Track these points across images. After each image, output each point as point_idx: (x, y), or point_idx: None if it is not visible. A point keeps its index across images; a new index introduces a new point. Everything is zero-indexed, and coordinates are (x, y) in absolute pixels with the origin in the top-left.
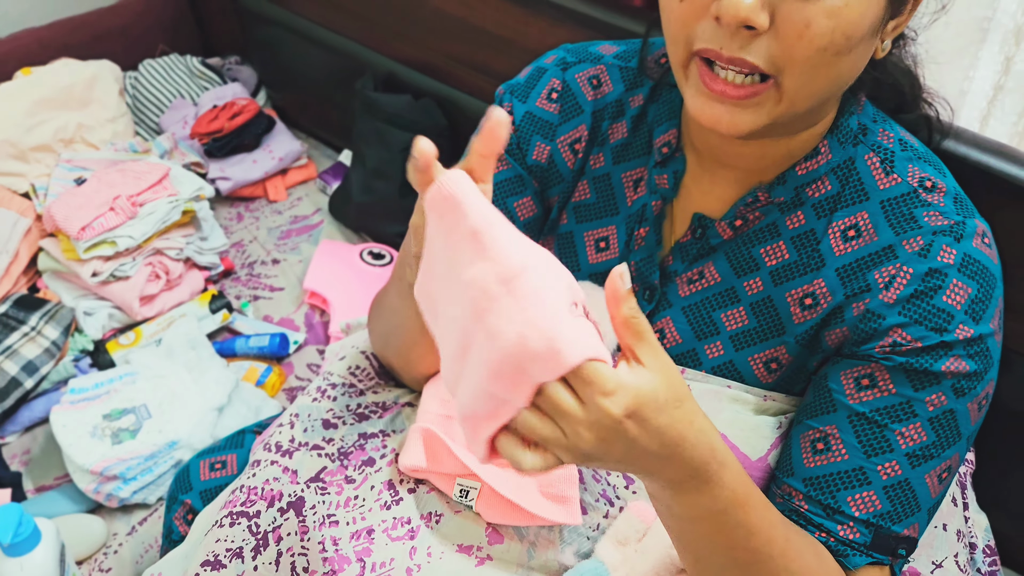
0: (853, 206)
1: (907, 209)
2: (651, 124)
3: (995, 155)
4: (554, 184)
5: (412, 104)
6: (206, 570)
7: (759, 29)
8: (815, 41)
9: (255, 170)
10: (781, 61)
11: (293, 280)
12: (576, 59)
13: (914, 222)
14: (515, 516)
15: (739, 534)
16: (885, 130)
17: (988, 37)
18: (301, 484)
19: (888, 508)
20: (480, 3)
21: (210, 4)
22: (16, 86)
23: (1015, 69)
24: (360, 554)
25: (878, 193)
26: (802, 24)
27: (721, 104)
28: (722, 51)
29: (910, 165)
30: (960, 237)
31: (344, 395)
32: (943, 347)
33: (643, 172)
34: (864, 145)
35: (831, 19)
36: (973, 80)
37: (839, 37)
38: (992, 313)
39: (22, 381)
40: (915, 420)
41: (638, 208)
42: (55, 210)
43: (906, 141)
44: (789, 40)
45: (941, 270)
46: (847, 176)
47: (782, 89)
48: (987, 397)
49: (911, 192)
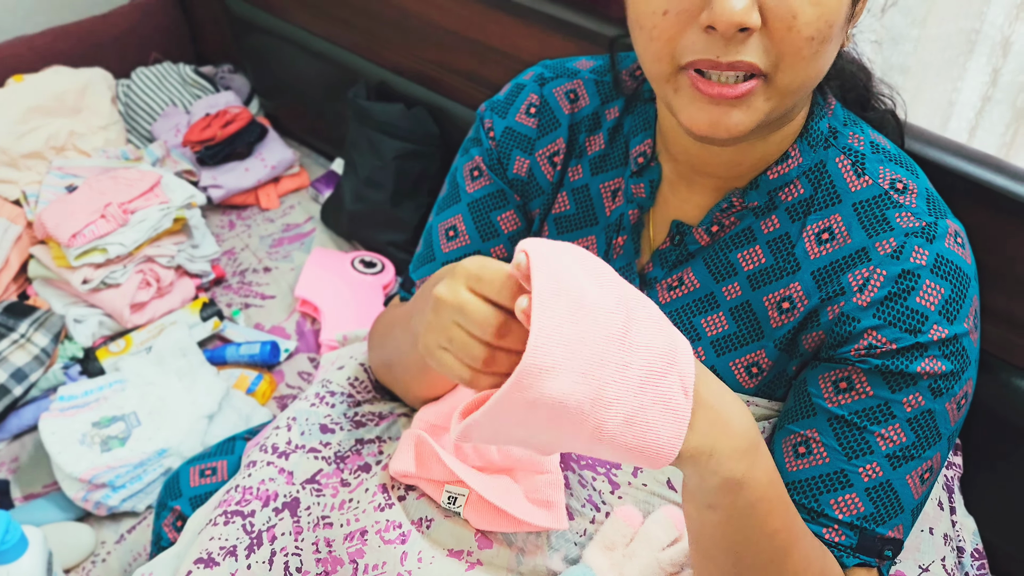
0: (826, 209)
1: (879, 211)
2: (627, 135)
3: (979, 165)
4: (535, 196)
5: (404, 113)
6: (199, 568)
7: (753, 28)
8: (804, 31)
9: (247, 178)
10: (775, 57)
11: (284, 288)
12: (553, 74)
13: (886, 224)
14: (502, 522)
15: (779, 517)
16: (855, 133)
17: (976, 49)
18: (296, 485)
19: (871, 510)
20: (472, 13)
21: (203, 13)
22: (8, 93)
23: (1002, 80)
24: (353, 555)
25: (850, 195)
26: (790, 16)
27: (717, 107)
28: (719, 59)
29: (881, 167)
30: (932, 238)
31: (342, 403)
32: (918, 348)
33: (620, 183)
34: (835, 148)
35: (815, 7)
36: (961, 91)
37: (824, 25)
38: (966, 313)
39: (11, 388)
40: (894, 421)
41: (616, 218)
42: (46, 217)
43: (877, 143)
44: (780, 34)
45: (914, 271)
46: (819, 179)
47: (773, 85)
48: (966, 397)
49: (883, 194)
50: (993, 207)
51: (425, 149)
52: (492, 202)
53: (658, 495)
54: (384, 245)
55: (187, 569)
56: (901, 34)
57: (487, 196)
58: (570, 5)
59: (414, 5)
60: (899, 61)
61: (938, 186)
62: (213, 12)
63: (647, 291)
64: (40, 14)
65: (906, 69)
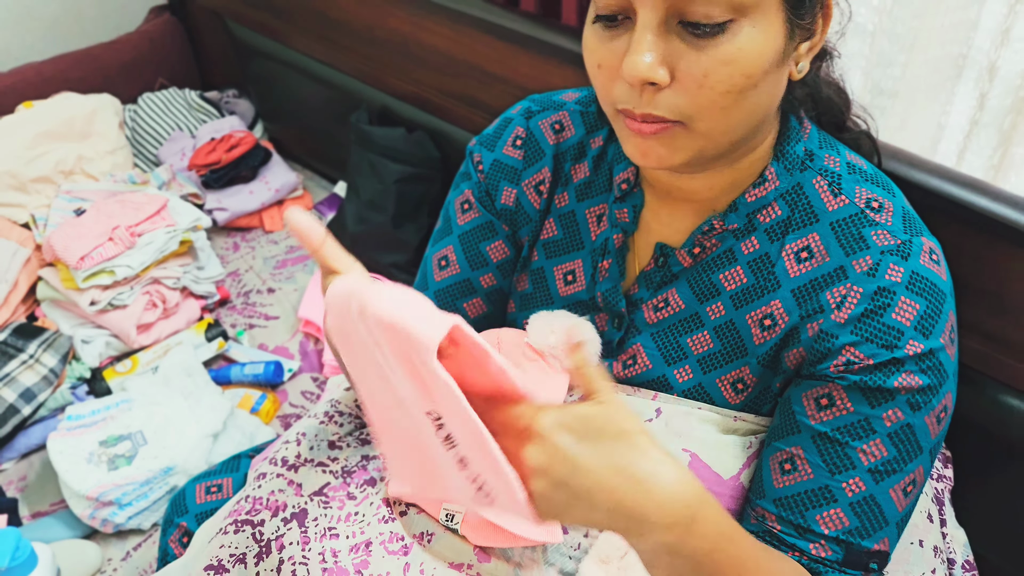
0: (804, 228)
1: (856, 229)
2: (611, 163)
3: (964, 187)
4: (523, 225)
5: (406, 137)
6: (209, 574)
7: (660, 84)
8: (716, 87)
9: (252, 201)
10: (688, 109)
11: (288, 309)
12: (540, 108)
13: (863, 242)
14: (498, 538)
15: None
16: (831, 155)
17: (964, 74)
18: (305, 497)
19: (856, 524)
20: (471, 40)
21: (208, 39)
22: (18, 119)
23: (989, 104)
24: (358, 567)
25: (827, 215)
26: (700, 74)
27: (644, 141)
28: (634, 109)
29: (857, 187)
30: (907, 256)
31: (349, 423)
32: (894, 363)
33: (605, 208)
34: (811, 170)
35: (727, 66)
36: (950, 115)
37: (739, 79)
38: (942, 328)
39: (20, 408)
40: (874, 436)
41: (601, 242)
42: (55, 240)
43: (853, 164)
44: (691, 91)
45: (889, 288)
46: (796, 200)
47: (695, 130)
48: (945, 410)
49: (859, 213)
50: (976, 228)
51: (426, 172)
52: (481, 233)
53: None
54: (386, 267)
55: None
56: (890, 59)
57: (476, 228)
58: (565, 32)
59: (415, 32)
60: (888, 85)
61: (924, 208)
62: (218, 39)
63: (634, 311)
64: (48, 41)
65: (895, 93)
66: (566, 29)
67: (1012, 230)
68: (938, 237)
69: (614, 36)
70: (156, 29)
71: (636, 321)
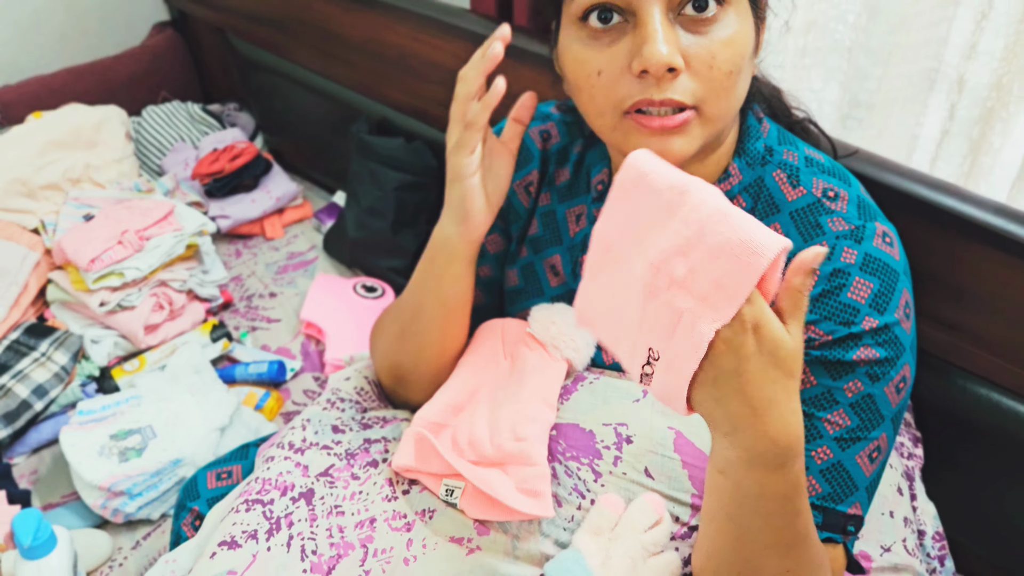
0: (767, 218)
1: (813, 217)
2: (588, 167)
3: (934, 190)
4: (514, 221)
5: (405, 146)
6: (223, 549)
7: (679, 69)
8: (722, 68)
9: (253, 209)
10: (701, 91)
11: (290, 312)
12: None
13: (819, 229)
14: (495, 511)
15: (792, 516)
16: (789, 150)
17: (935, 87)
18: (311, 478)
19: (828, 490)
20: (468, 53)
21: (210, 54)
22: (28, 128)
23: (959, 115)
24: (363, 541)
25: (787, 205)
26: (709, 57)
27: (661, 138)
28: (654, 96)
29: (815, 178)
30: (860, 239)
31: (351, 408)
32: (852, 338)
33: (584, 208)
34: (771, 164)
35: (729, 47)
36: (923, 126)
37: (737, 60)
38: (896, 304)
39: (32, 403)
40: (837, 407)
41: (580, 239)
42: (66, 243)
43: (811, 158)
44: (703, 73)
45: (844, 270)
46: (758, 193)
47: (704, 114)
48: (903, 380)
49: (816, 202)
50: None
51: (424, 180)
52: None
53: (637, 483)
54: (385, 271)
55: (212, 551)
56: (866, 73)
57: None
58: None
59: (414, 46)
60: (865, 98)
61: (897, 208)
62: (220, 53)
63: None
64: (55, 55)
65: (872, 105)
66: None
67: (979, 229)
68: (910, 235)
69: (611, 42)
70: (159, 44)
71: None
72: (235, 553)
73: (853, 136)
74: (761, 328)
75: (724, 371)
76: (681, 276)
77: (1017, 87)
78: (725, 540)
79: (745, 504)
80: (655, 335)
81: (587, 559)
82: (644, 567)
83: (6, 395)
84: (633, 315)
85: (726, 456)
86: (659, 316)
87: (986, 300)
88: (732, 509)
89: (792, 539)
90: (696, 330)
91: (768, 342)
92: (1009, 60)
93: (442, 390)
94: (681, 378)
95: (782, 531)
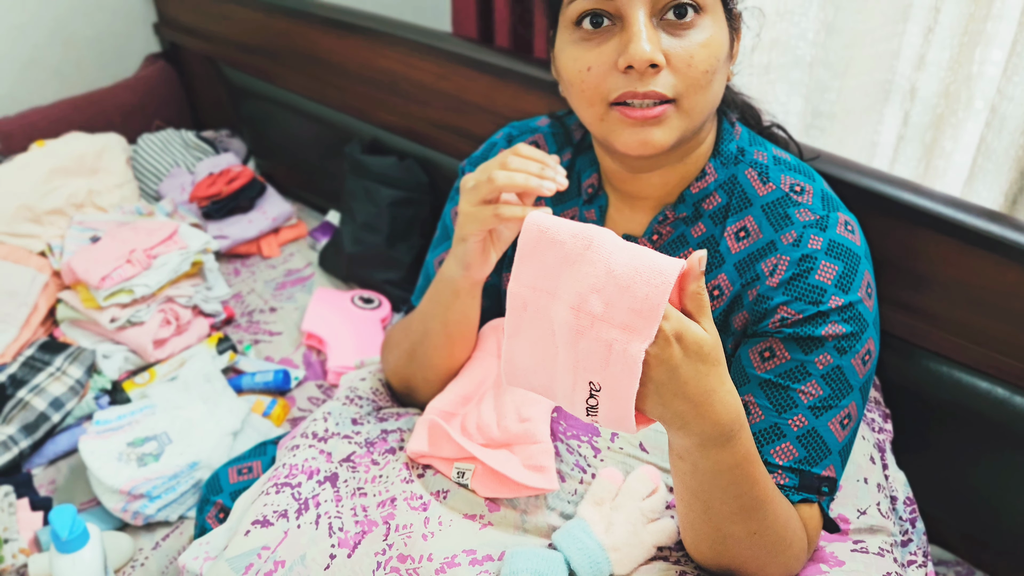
0: (740, 212)
1: (782, 210)
2: (578, 172)
3: (894, 186)
4: None
5: (397, 164)
6: (256, 527)
7: (660, 65)
8: (699, 66)
9: (250, 229)
10: (680, 86)
11: (291, 325)
12: (519, 132)
13: (788, 220)
14: (504, 489)
15: (748, 484)
16: (759, 150)
17: (890, 96)
18: (335, 463)
19: (804, 454)
20: (455, 75)
21: (201, 83)
22: (31, 156)
23: (912, 122)
24: (385, 518)
25: (758, 199)
26: (687, 56)
27: (642, 128)
28: (637, 89)
29: (782, 175)
30: (825, 228)
31: (368, 405)
32: (820, 316)
33: (576, 211)
34: (743, 163)
35: (705, 49)
36: (880, 133)
37: (713, 61)
38: (859, 284)
39: (50, 415)
40: (810, 378)
41: None
42: (76, 263)
43: (779, 157)
44: (682, 70)
45: (811, 255)
46: (732, 189)
47: (683, 108)
48: (869, 353)
49: (784, 196)
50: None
51: (416, 196)
52: None
53: (633, 456)
54: (381, 283)
55: (246, 529)
56: (826, 85)
57: None
58: (537, 64)
59: (404, 69)
60: (826, 108)
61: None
62: (211, 82)
63: None
64: (51, 87)
65: (833, 115)
66: (537, 62)
67: (934, 219)
68: (872, 228)
69: (601, 42)
70: (152, 75)
71: None
72: (267, 531)
73: (817, 144)
74: (683, 336)
75: (661, 382)
76: (600, 312)
77: (964, 94)
78: (695, 514)
79: (705, 480)
80: (592, 369)
81: (591, 526)
82: (643, 532)
83: (24, 408)
84: (565, 358)
85: (682, 444)
86: (591, 352)
87: (943, 285)
88: (695, 487)
89: (752, 504)
90: (628, 355)
91: (692, 345)
92: (955, 69)
93: (452, 384)
94: (626, 400)
95: (741, 498)
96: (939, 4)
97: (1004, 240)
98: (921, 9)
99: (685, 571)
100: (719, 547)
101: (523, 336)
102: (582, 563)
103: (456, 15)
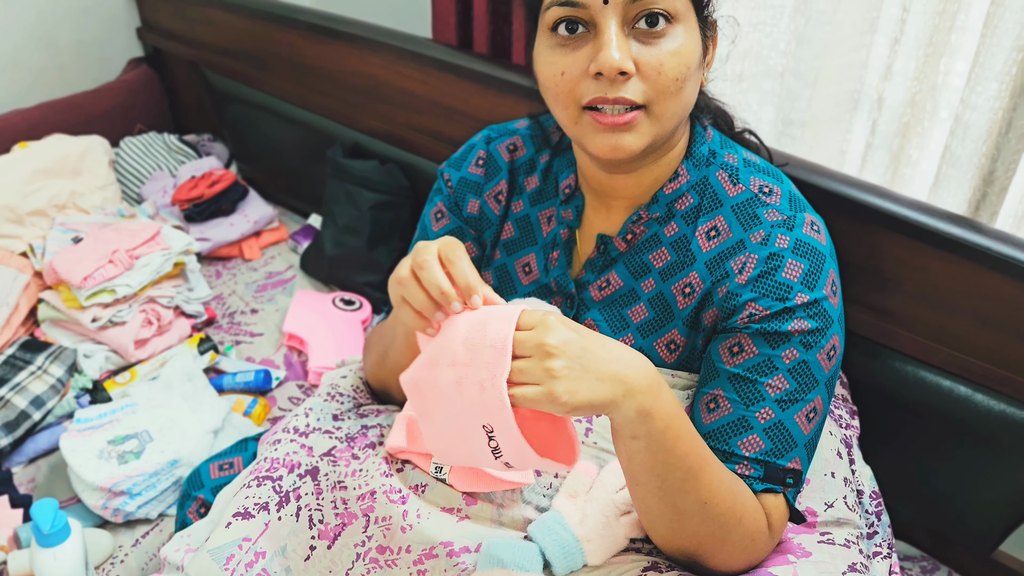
0: (711, 212)
1: (751, 210)
2: (556, 173)
3: (863, 191)
4: (486, 228)
5: (379, 168)
6: (237, 519)
7: (630, 74)
8: (669, 74)
9: (232, 232)
10: (650, 93)
11: (271, 326)
12: (497, 135)
13: (757, 220)
14: (480, 484)
15: (689, 438)
16: (730, 153)
17: (858, 106)
18: (315, 457)
19: (770, 446)
20: (435, 80)
21: (184, 87)
22: (14, 158)
23: (880, 130)
24: (365, 511)
25: (729, 200)
26: (657, 64)
27: (613, 133)
28: (607, 95)
29: (752, 177)
30: (792, 227)
31: (348, 401)
32: (787, 312)
33: (554, 211)
34: (715, 165)
35: (675, 57)
36: (849, 141)
37: (683, 69)
38: (824, 282)
39: (31, 414)
40: (777, 372)
41: (551, 238)
42: (58, 263)
43: (748, 160)
44: (652, 78)
45: (779, 253)
46: (703, 190)
47: (653, 114)
48: (834, 348)
49: (753, 197)
50: (871, 222)
51: (397, 200)
52: (453, 236)
53: (606, 451)
54: (361, 286)
55: (227, 521)
56: (797, 94)
57: (449, 232)
58: (515, 70)
59: (385, 75)
60: (797, 117)
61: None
62: (193, 87)
63: (583, 292)
64: (34, 90)
65: (804, 123)
66: (515, 67)
67: (900, 223)
68: (839, 231)
69: (575, 48)
70: (134, 79)
71: (585, 300)
72: (249, 523)
73: (788, 152)
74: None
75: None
76: (466, 358)
77: (930, 104)
78: (652, 493)
79: (658, 450)
80: (479, 413)
81: (566, 519)
82: (616, 523)
83: (5, 406)
84: (462, 413)
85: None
86: (473, 397)
87: (909, 286)
88: (651, 462)
89: (697, 464)
90: (495, 387)
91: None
92: (921, 79)
93: None
94: (512, 431)
95: (687, 456)
96: (905, 16)
97: (967, 243)
98: (888, 21)
99: (657, 561)
100: (676, 525)
101: (432, 417)
102: (556, 554)
103: (436, 22)
